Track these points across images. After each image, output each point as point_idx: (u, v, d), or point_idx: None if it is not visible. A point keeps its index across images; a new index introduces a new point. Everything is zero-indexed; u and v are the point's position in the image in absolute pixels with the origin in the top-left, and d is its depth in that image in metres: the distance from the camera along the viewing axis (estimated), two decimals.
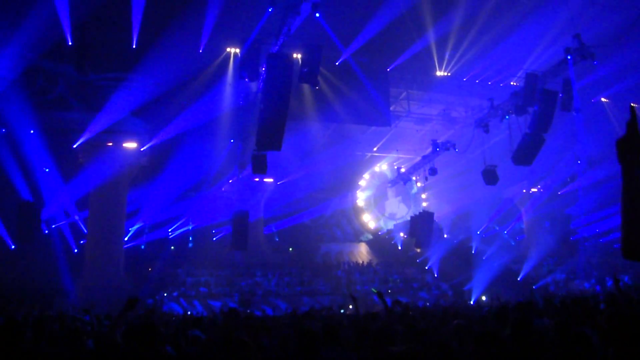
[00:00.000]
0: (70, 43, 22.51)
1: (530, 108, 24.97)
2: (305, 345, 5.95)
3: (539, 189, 41.30)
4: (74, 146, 28.37)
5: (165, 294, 30.66)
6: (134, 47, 24.08)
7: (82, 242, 32.72)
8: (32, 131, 27.31)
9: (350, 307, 26.62)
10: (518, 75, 29.24)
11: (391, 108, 30.79)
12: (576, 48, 22.39)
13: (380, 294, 9.88)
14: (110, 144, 28.67)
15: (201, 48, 25.08)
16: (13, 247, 29.90)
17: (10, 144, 27.61)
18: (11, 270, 28.75)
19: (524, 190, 41.59)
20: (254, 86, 26.34)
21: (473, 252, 42.20)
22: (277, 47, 21.93)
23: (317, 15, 20.99)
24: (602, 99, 32.32)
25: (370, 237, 44.36)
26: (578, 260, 38.55)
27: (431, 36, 26.54)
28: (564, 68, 23.98)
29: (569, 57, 23.04)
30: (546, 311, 10.82)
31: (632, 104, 3.19)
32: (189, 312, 27.18)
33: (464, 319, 10.51)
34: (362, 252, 43.12)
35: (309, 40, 21.82)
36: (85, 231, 31.69)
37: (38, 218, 25.98)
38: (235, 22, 23.86)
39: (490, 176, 27.94)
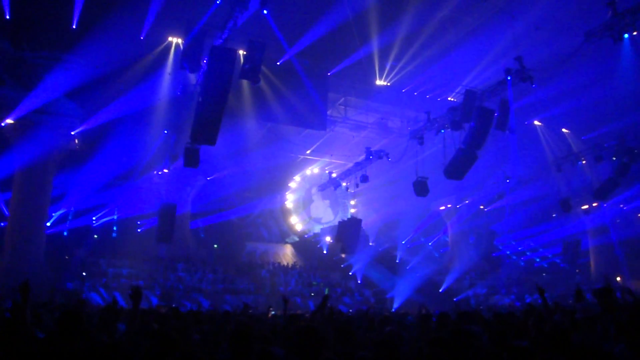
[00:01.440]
0: (7, 17, 21.85)
1: (466, 124, 25.27)
2: (241, 343, 5.88)
3: (466, 204, 42.01)
4: (2, 124, 27.52)
5: (85, 284, 29.99)
6: (73, 27, 23.52)
7: (2, 224, 31.75)
8: None
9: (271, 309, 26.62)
10: (456, 91, 29.74)
11: (328, 112, 30.91)
12: (516, 70, 22.78)
13: (326, 297, 9.96)
14: (40, 124, 27.89)
15: (143, 34, 24.70)
16: None
17: None
18: None
19: (449, 205, 42.26)
20: (193, 78, 26.05)
21: (397, 261, 42.67)
22: (221, 40, 21.73)
23: (265, 12, 20.94)
24: (536, 122, 33.12)
25: (297, 239, 44.39)
26: (499, 275, 39.41)
27: (374, 45, 26.71)
28: (503, 88, 24.39)
29: (508, 78, 23.44)
30: (474, 322, 10.94)
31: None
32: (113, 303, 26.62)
33: (392, 325, 10.56)
34: (287, 254, 43.12)
35: (254, 37, 21.65)
36: (7, 213, 30.78)
37: None
38: (181, 11, 23.60)
39: (420, 188, 28.16)
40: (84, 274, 31.12)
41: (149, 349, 5.70)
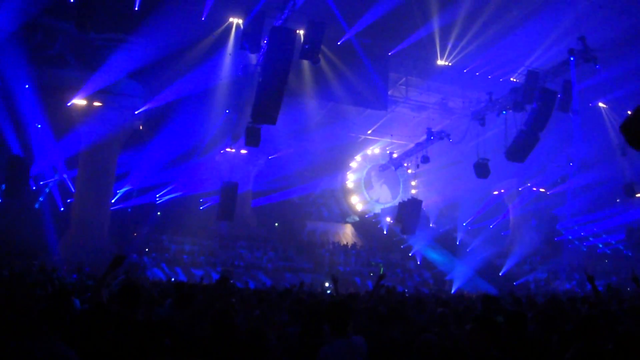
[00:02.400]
0: (72, 0, 22.27)
1: (528, 105, 24.88)
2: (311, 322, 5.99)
3: (528, 187, 41.39)
4: (68, 104, 28.21)
5: (148, 259, 30.66)
6: (136, 9, 23.84)
7: (69, 200, 32.62)
8: (27, 86, 27.07)
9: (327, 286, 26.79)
10: (519, 71, 29.17)
11: (389, 92, 30.71)
12: (580, 50, 22.34)
13: (381, 276, 10.00)
14: (105, 104, 28.52)
15: (204, 15, 24.87)
16: (0, 201, 29.80)
17: (4, 97, 27.39)
18: None
19: (511, 188, 41.69)
20: (253, 58, 26.14)
21: (457, 243, 42.38)
22: (281, 21, 21.79)
23: None
24: (600, 104, 32.32)
25: (357, 219, 44.40)
26: (561, 260, 38.76)
27: (435, 24, 26.37)
28: (566, 69, 23.92)
29: (571, 59, 22.99)
30: (529, 309, 10.88)
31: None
32: (172, 279, 27.14)
33: (447, 307, 10.56)
34: (347, 234, 43.21)
35: (313, 17, 21.64)
36: (73, 190, 31.60)
37: (27, 173, 25.82)
38: None
39: (481, 169, 27.88)
40: (146, 249, 31.80)
41: (212, 326, 5.84)
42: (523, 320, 6.33)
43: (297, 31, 21.69)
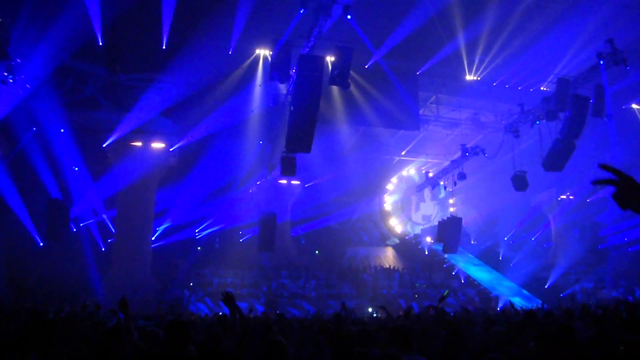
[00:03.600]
0: (100, 43, 22.63)
1: (561, 113, 24.67)
2: (341, 347, 5.93)
3: (568, 196, 40.94)
4: (104, 145, 28.65)
5: (191, 294, 30.78)
6: (164, 47, 24.19)
7: (109, 240, 33.00)
8: (62, 130, 27.59)
9: (376, 313, 26.63)
10: (548, 80, 28.97)
11: (420, 112, 30.70)
12: (608, 53, 22.10)
13: (444, 297, 10.00)
14: (140, 143, 28.96)
15: (231, 49, 25.14)
16: (42, 244, 30.20)
17: (40, 142, 27.93)
18: (39, 267, 29.07)
19: (551, 198, 41.25)
20: (283, 88, 26.34)
21: (500, 258, 41.98)
22: (308, 49, 21.88)
23: (349, 17, 20.95)
24: (634, 105, 31.94)
25: (397, 241, 44.26)
26: (606, 268, 38.09)
27: (461, 40, 26.37)
28: (596, 73, 23.66)
29: (601, 62, 22.74)
30: (583, 319, 10.71)
31: None
32: (220, 313, 27.17)
33: (501, 325, 10.42)
34: (388, 256, 42.99)
35: (340, 43, 21.71)
36: (113, 230, 31.98)
37: (67, 216, 26.15)
38: (266, 24, 23.89)
39: (519, 182, 27.66)
40: (190, 284, 31.94)
41: (263, 356, 5.84)
42: (570, 333, 6.20)
43: (325, 58, 21.79)
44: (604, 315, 10.71)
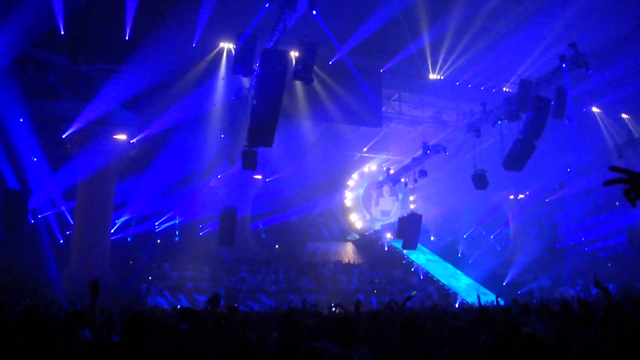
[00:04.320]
0: (62, 33, 22.35)
1: (523, 114, 24.95)
2: (292, 339, 5.92)
3: (527, 195, 41.43)
4: (63, 136, 28.29)
5: (150, 288, 30.54)
6: (127, 38, 23.97)
7: (68, 232, 32.58)
8: (21, 120, 27.14)
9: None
10: (511, 81, 29.32)
11: (383, 109, 30.78)
12: (571, 56, 22.42)
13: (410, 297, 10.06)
14: (100, 135, 28.54)
15: (195, 42, 24.99)
16: None
17: None
18: None
19: (512, 196, 41.72)
20: (246, 82, 26.24)
21: (459, 255, 42.34)
22: (272, 43, 21.82)
23: (314, 12, 20.97)
24: (594, 109, 32.47)
25: (357, 237, 44.31)
26: (564, 267, 38.62)
27: (425, 39, 26.55)
28: (558, 76, 24.01)
29: (563, 65, 23.09)
30: (541, 317, 10.80)
31: None
32: (178, 306, 27.02)
33: (459, 320, 10.50)
34: (348, 252, 43.04)
35: (304, 38, 21.67)
36: (72, 222, 31.57)
37: (25, 207, 25.82)
38: (231, 17, 23.77)
39: (480, 180, 27.90)
40: (149, 278, 31.69)
41: (232, 351, 5.80)
42: (518, 330, 6.24)
43: (289, 52, 21.75)
44: (559, 312, 10.83)
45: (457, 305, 31.40)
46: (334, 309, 24.00)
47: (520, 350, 5.43)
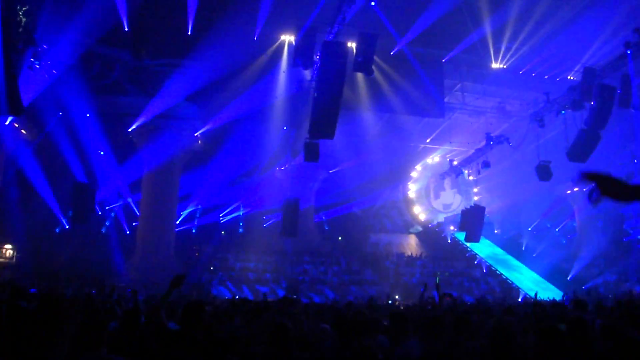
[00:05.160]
0: (126, 29, 22.78)
1: (587, 103, 24.48)
2: (343, 334, 6.00)
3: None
4: (129, 130, 28.92)
5: (213, 278, 30.99)
6: (189, 33, 24.33)
7: (134, 224, 33.29)
8: (88, 115, 27.84)
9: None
10: (575, 69, 28.71)
11: (445, 99, 30.56)
12: (636, 42, 21.88)
13: (438, 285, 10.07)
14: (165, 128, 29.07)
15: (256, 35, 25.22)
16: (67, 227, 30.56)
17: (66, 127, 28.21)
18: (65, 250, 29.46)
19: (577, 188, 40.94)
20: (307, 74, 26.29)
21: (523, 248, 41.77)
22: (332, 35, 21.87)
23: (373, 3, 20.94)
24: None
25: (420, 229, 44.12)
26: (630, 261, 37.74)
27: (487, 28, 26.20)
28: (623, 63, 23.44)
29: (628, 52, 22.54)
30: (597, 313, 10.64)
31: None
32: (236, 297, 27.36)
33: (513, 315, 10.41)
34: (411, 244, 42.93)
35: (364, 29, 21.65)
36: (138, 213, 32.25)
37: (92, 199, 26.49)
38: (290, 10, 23.88)
39: (543, 172, 27.51)
40: (212, 268, 32.14)
41: (269, 339, 5.93)
42: (584, 327, 6.14)
43: (349, 44, 21.78)
44: (616, 309, 10.65)
45: (519, 300, 31.01)
46: (390, 302, 24.02)
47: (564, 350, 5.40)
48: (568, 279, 36.62)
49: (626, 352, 5.37)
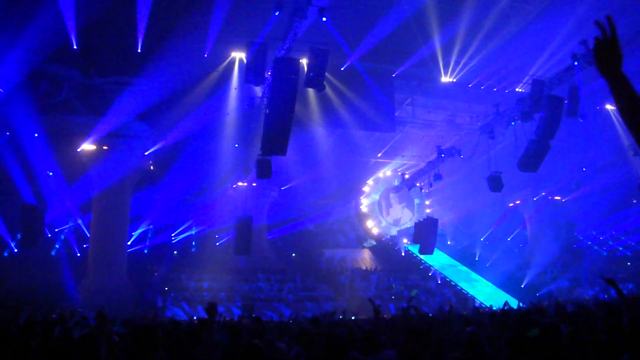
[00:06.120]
0: (75, 47, 22.47)
1: (536, 114, 24.90)
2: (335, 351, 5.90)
3: (543, 196, 41.25)
4: (78, 150, 28.40)
5: (168, 299, 30.55)
6: (139, 51, 24.08)
7: (85, 246, 32.65)
8: (36, 135, 27.28)
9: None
10: (524, 81, 29.20)
11: (396, 114, 30.78)
12: (583, 54, 22.34)
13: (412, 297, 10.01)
14: (115, 147, 28.64)
15: (206, 52, 25.07)
16: (16, 250, 29.86)
17: (14, 147, 27.59)
18: (14, 274, 28.68)
19: (529, 198, 41.53)
20: (259, 91, 26.27)
21: (476, 258, 42.17)
22: (283, 52, 21.85)
23: (324, 19, 20.91)
24: (608, 106, 32.29)
25: (374, 243, 44.22)
26: (582, 267, 38.41)
27: (437, 42, 26.47)
28: (571, 74, 23.97)
29: (575, 63, 23.01)
30: (559, 318, 10.72)
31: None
32: (194, 317, 26.98)
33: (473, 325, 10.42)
34: (365, 258, 42.92)
35: (316, 45, 21.67)
36: (89, 235, 31.66)
37: (41, 221, 25.97)
38: (241, 27, 23.78)
39: (495, 183, 27.85)
40: (166, 289, 31.71)
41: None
42: (557, 332, 6.18)
43: (301, 60, 21.72)
44: (577, 314, 10.76)
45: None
46: (353, 317, 23.94)
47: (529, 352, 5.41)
48: (522, 287, 37.08)
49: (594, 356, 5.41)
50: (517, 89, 30.30)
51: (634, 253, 41.81)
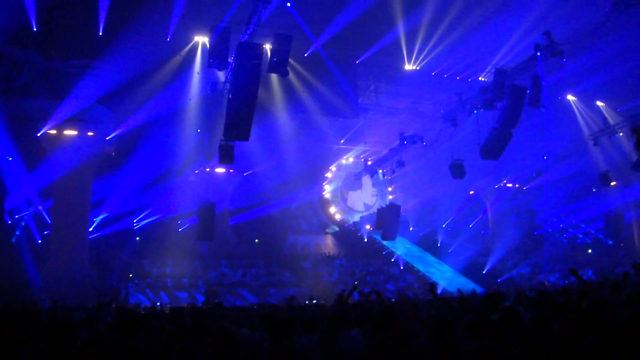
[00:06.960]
0: (35, 29, 22.11)
1: (498, 103, 25.10)
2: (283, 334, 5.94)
3: (505, 184, 41.70)
4: (38, 134, 27.94)
5: (130, 285, 30.36)
6: (100, 34, 23.78)
7: (46, 232, 32.23)
8: None
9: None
10: (487, 70, 29.47)
11: (359, 100, 30.89)
12: (546, 45, 22.53)
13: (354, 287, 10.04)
14: (75, 132, 28.26)
15: (169, 36, 24.89)
16: None
17: None
18: None
19: (490, 185, 41.94)
20: (221, 75, 26.16)
21: (439, 245, 42.49)
22: (247, 36, 21.70)
23: (288, 5, 20.89)
24: (569, 96, 32.72)
25: (337, 229, 44.31)
26: (543, 254, 38.96)
27: (400, 30, 26.60)
28: (533, 64, 24.17)
29: (538, 54, 23.21)
30: (519, 302, 10.88)
31: None
32: (157, 304, 26.84)
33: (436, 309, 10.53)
34: (328, 244, 43.02)
35: (279, 30, 21.59)
36: (50, 221, 31.25)
37: (1, 208, 25.50)
38: (205, 11, 23.66)
39: (457, 170, 28.07)
40: (130, 275, 31.49)
41: (212, 345, 5.79)
42: (516, 316, 6.27)
43: (264, 45, 21.62)
44: (538, 299, 10.90)
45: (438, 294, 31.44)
46: (315, 301, 24.00)
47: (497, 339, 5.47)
48: (483, 272, 37.49)
49: (555, 339, 5.49)
50: (480, 78, 30.58)
51: (593, 240, 42.53)
